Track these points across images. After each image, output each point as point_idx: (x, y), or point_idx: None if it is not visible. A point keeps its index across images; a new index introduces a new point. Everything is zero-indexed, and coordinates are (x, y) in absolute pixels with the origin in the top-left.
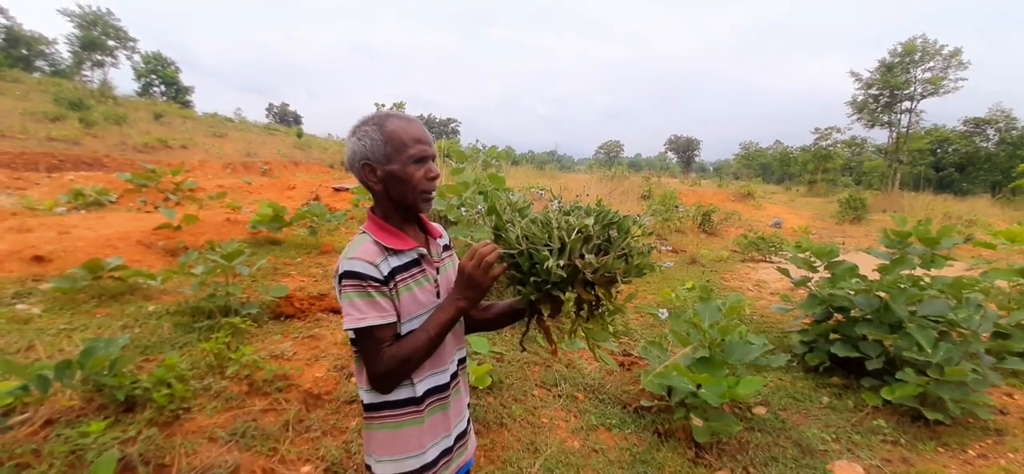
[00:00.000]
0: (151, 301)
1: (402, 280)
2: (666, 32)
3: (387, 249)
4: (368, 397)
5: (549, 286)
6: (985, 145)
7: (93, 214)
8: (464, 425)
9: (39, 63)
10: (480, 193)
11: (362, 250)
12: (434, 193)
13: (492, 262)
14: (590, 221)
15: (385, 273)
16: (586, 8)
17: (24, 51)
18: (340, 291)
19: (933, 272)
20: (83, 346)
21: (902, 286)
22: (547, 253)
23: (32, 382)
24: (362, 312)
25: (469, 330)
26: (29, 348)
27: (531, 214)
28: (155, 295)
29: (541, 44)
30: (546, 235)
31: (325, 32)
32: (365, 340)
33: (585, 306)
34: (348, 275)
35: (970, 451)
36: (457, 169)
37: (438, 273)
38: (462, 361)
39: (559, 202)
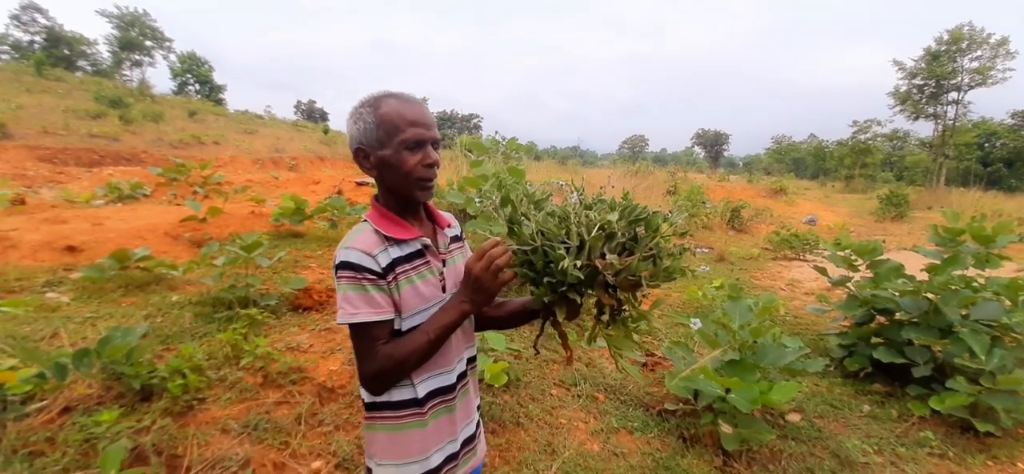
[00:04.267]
0: (175, 291)
1: (403, 272)
2: (693, 21)
3: (388, 238)
4: (368, 396)
5: (565, 288)
6: None
7: (127, 207)
8: (473, 429)
9: (81, 63)
10: (502, 179)
11: (360, 239)
12: (433, 181)
13: (502, 265)
14: (614, 217)
15: (384, 264)
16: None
17: (66, 51)
18: (336, 283)
19: (987, 272)
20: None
21: (953, 287)
22: (563, 251)
23: (49, 370)
24: (355, 307)
25: (480, 327)
26: (54, 336)
27: (549, 207)
28: (179, 285)
29: (564, 36)
30: (563, 231)
31: (348, 30)
32: (358, 337)
33: (606, 310)
34: (344, 266)
35: (1020, 464)
36: (476, 162)
37: (445, 265)
38: (471, 360)
39: (579, 194)
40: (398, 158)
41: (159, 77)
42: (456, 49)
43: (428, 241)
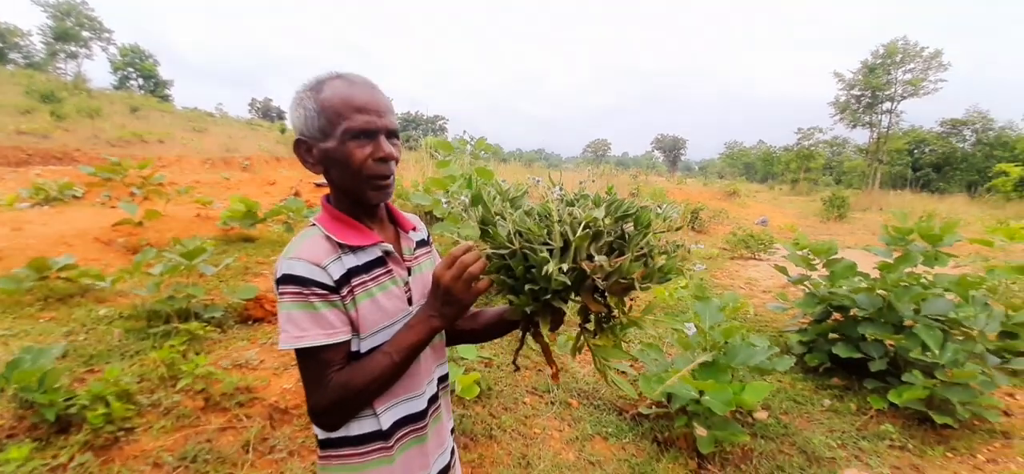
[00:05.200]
0: (103, 304)
1: (361, 284)
2: (653, 32)
3: (342, 245)
4: (322, 431)
5: (549, 295)
6: (961, 146)
7: (54, 209)
8: (447, 458)
9: (13, 55)
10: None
11: (306, 247)
12: (389, 179)
13: (476, 273)
14: (600, 213)
15: (337, 276)
16: (573, 7)
17: None
18: (278, 300)
19: (935, 270)
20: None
21: (904, 284)
22: (546, 254)
23: None
24: (301, 328)
25: (451, 341)
26: None
27: (526, 205)
28: (108, 297)
29: (529, 43)
30: (545, 231)
31: (311, 25)
32: (306, 364)
33: (592, 318)
34: (287, 280)
35: (979, 456)
36: (443, 162)
37: (410, 275)
38: (443, 379)
39: (561, 190)
40: (343, 151)
41: (97, 71)
42: (425, 49)
43: (390, 247)
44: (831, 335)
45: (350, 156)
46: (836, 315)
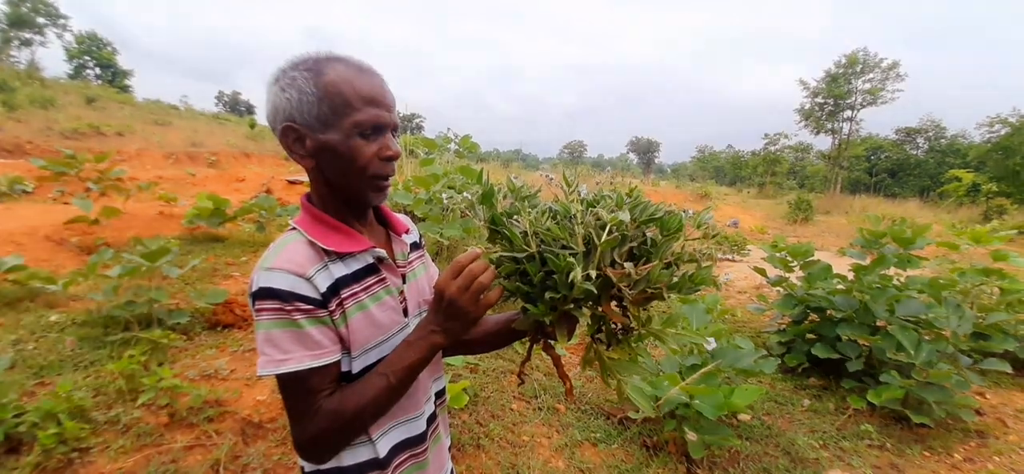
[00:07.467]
0: (54, 309)
1: (351, 295)
2: (628, 36)
3: (328, 252)
4: (309, 464)
5: (570, 304)
6: (915, 153)
7: (2, 206)
8: None
9: None
10: (451, 178)
11: (286, 256)
12: (391, 179)
13: (486, 284)
14: (625, 216)
15: (324, 288)
16: (551, 8)
17: None
18: (255, 318)
19: (907, 272)
20: None
21: (877, 286)
22: (570, 258)
23: None
24: (284, 351)
25: (448, 351)
26: None
27: (542, 204)
28: (60, 302)
29: (505, 42)
30: (567, 233)
31: (281, 17)
32: (291, 391)
33: (604, 328)
34: (265, 294)
35: (956, 455)
36: (426, 160)
37: (405, 282)
38: (440, 394)
39: (583, 189)
40: (348, 146)
41: (52, 59)
42: (399, 44)
43: (382, 253)
44: (809, 336)
45: (356, 152)
46: (813, 316)
